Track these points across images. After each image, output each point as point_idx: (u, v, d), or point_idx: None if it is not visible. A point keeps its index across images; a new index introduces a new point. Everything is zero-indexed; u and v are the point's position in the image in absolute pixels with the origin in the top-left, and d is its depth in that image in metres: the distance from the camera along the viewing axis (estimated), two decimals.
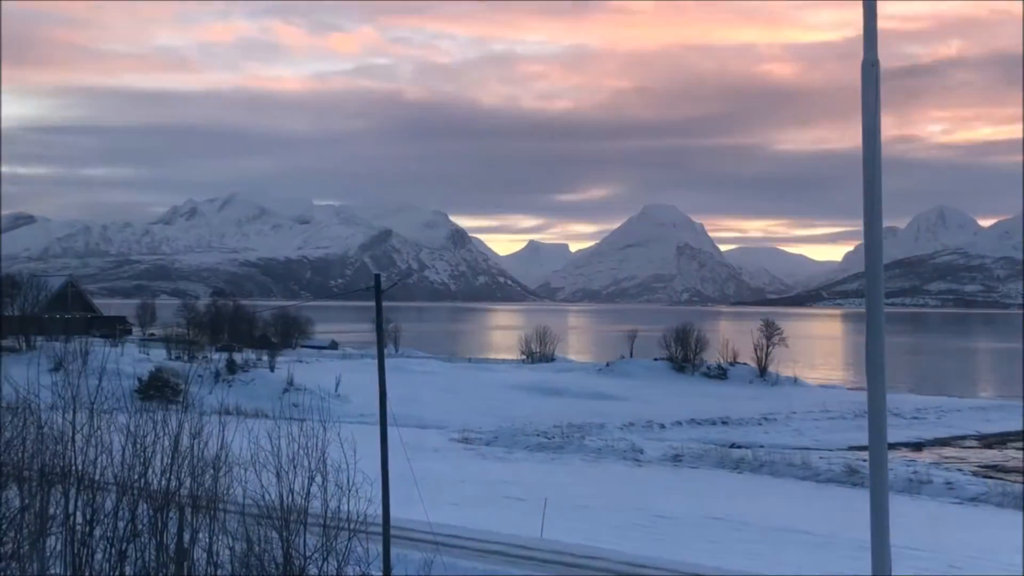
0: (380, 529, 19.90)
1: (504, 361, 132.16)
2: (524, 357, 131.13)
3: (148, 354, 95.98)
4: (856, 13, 8.21)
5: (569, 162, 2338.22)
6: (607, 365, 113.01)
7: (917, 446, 66.43)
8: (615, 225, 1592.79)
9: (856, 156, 8.21)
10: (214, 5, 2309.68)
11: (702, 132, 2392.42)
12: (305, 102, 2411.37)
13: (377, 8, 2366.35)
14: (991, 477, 52.67)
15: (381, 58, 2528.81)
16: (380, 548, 19.97)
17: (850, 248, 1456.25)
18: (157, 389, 66.02)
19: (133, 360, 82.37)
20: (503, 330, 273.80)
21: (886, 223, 8.28)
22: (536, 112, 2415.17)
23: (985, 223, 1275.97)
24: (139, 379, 70.14)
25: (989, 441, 70.07)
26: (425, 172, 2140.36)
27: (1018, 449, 66.73)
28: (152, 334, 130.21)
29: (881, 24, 8.18)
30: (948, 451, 65.48)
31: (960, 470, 54.69)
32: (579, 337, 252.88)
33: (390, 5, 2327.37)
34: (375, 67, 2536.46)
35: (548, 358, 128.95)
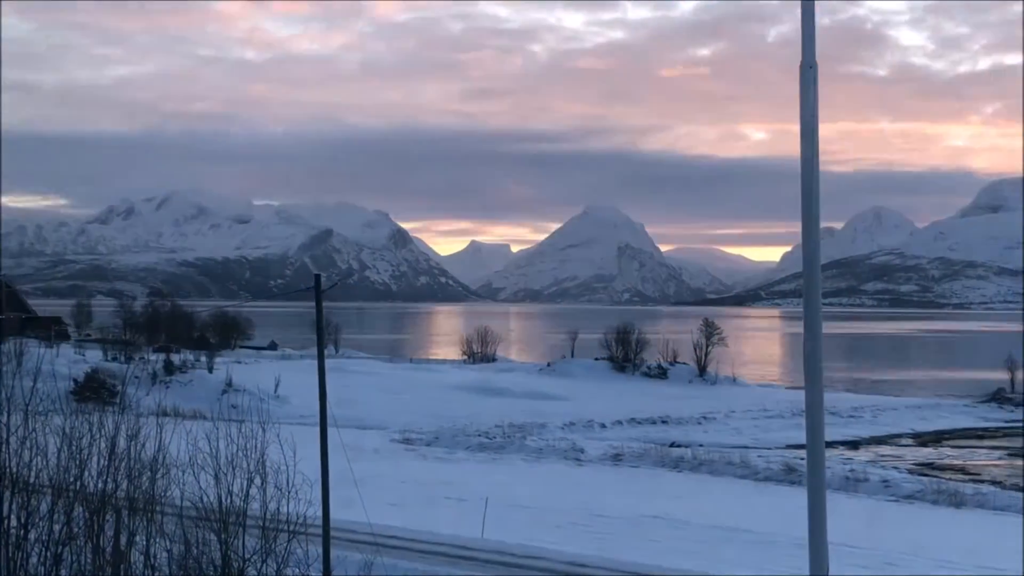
0: (320, 531, 19.80)
1: (445, 361, 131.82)
2: (466, 357, 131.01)
3: (84, 355, 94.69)
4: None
5: (501, 165, 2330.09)
6: (548, 365, 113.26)
7: (854, 444, 67.21)
8: (556, 226, 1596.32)
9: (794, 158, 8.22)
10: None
11: (635, 134, 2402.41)
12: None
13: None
14: (926, 475, 53.53)
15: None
16: (320, 550, 19.88)
17: (787, 249, 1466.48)
18: (93, 390, 65.13)
19: (69, 361, 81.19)
20: (444, 331, 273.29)
21: (823, 224, 8.33)
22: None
23: (920, 224, 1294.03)
24: (75, 380, 69.14)
25: (924, 439, 71.07)
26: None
27: (953, 447, 67.85)
28: (88, 335, 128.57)
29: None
30: (884, 449, 66.36)
31: (896, 468, 55.43)
32: (521, 337, 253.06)
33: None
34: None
35: (489, 358, 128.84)
